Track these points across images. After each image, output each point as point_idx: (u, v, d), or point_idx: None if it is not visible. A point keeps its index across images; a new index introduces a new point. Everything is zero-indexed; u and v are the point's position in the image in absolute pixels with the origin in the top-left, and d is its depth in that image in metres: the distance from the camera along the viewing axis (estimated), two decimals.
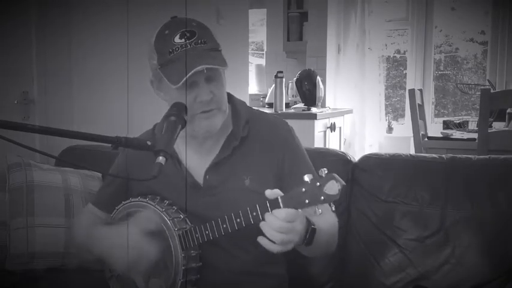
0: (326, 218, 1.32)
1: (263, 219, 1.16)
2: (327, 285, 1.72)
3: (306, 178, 1.10)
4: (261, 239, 1.15)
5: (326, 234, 1.32)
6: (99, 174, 1.99)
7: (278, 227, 1.13)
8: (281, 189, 1.38)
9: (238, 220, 1.22)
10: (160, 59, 1.32)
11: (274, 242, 1.14)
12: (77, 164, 1.99)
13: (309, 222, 1.21)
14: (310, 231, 1.20)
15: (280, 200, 1.14)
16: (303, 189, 1.10)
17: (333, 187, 1.08)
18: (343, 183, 1.08)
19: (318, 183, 1.09)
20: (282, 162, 1.42)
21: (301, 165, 1.43)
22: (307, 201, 1.10)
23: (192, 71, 1.25)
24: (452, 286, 1.56)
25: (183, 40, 1.29)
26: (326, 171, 1.09)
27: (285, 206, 1.13)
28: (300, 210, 1.14)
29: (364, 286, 1.67)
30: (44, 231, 1.79)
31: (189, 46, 1.28)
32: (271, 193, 1.16)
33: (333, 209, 1.13)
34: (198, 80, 1.30)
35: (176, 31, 1.30)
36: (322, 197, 1.08)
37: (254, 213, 1.18)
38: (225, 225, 1.24)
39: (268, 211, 1.15)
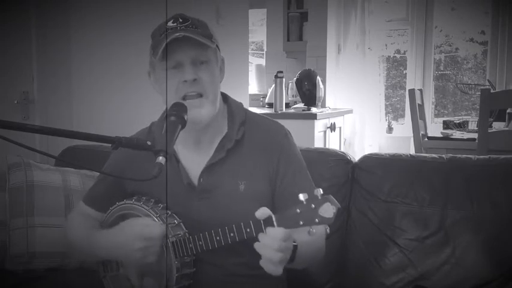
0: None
1: (256, 236, 1.15)
2: (326, 286, 1.72)
3: (301, 197, 1.08)
4: (265, 265, 1.14)
5: (310, 248, 1.30)
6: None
7: (278, 247, 1.12)
8: (273, 196, 1.38)
9: (231, 234, 1.21)
10: (152, 44, 1.35)
11: (271, 262, 1.13)
12: (77, 164, 1.99)
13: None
14: (292, 249, 1.19)
15: (274, 219, 1.13)
16: (298, 210, 1.09)
17: (328, 210, 1.06)
18: (339, 205, 1.07)
19: (313, 205, 1.07)
20: (276, 168, 1.39)
21: (296, 172, 1.41)
22: (301, 222, 1.09)
23: (171, 37, 1.26)
24: (452, 286, 1.55)
25: (175, 24, 1.32)
26: (321, 192, 1.08)
27: (278, 226, 1.12)
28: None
29: (364, 286, 1.67)
30: (44, 231, 1.79)
31: (178, 28, 1.30)
32: (261, 214, 1.15)
33: (328, 231, 1.12)
34: (183, 61, 1.31)
35: (172, 19, 1.34)
36: (317, 220, 1.07)
37: (248, 230, 1.18)
38: (218, 238, 1.24)
39: (262, 228, 1.15)
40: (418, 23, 4.91)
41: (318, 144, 3.59)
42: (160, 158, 1.14)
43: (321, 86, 4.17)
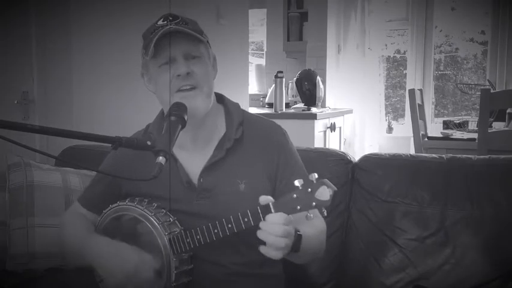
0: (314, 224, 1.30)
1: (256, 226, 1.15)
2: (326, 285, 1.71)
3: (297, 183, 1.09)
4: (263, 249, 1.13)
5: (313, 240, 1.31)
6: None
7: (282, 232, 1.12)
8: (273, 193, 1.38)
9: (229, 226, 1.21)
10: (144, 43, 1.36)
11: (275, 249, 1.13)
12: (77, 164, 1.98)
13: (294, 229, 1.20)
14: (296, 237, 1.19)
15: (271, 206, 1.13)
16: (294, 195, 1.10)
17: (324, 193, 1.07)
18: (335, 188, 1.08)
19: (309, 189, 1.08)
20: (276, 167, 1.40)
21: (295, 170, 1.42)
22: (298, 207, 1.09)
23: (162, 32, 1.27)
24: (452, 286, 1.56)
25: (165, 22, 1.33)
26: (316, 176, 1.08)
27: (276, 212, 1.12)
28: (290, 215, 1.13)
29: (364, 286, 1.67)
30: (44, 231, 1.79)
31: (169, 25, 1.31)
32: (265, 199, 1.15)
33: (325, 214, 1.12)
34: (176, 57, 1.32)
35: (162, 17, 1.35)
36: (314, 203, 1.08)
37: (245, 219, 1.18)
38: (216, 231, 1.23)
39: (260, 217, 1.15)
40: (418, 23, 4.92)
41: (318, 144, 3.59)
42: (160, 158, 1.14)
43: (321, 86, 4.17)
